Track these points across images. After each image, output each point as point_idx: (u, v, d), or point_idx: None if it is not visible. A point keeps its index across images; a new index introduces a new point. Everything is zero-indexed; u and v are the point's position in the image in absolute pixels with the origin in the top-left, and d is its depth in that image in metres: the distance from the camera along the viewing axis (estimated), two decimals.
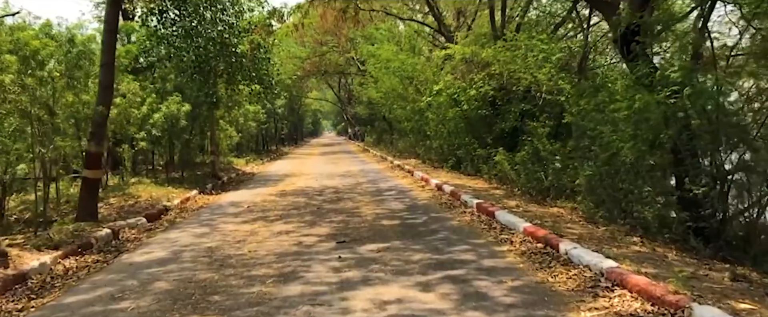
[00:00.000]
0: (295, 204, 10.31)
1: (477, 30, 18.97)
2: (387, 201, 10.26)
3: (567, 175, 8.87)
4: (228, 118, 21.51)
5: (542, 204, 8.73)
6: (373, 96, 27.43)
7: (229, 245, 6.82)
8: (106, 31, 8.18)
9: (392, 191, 11.95)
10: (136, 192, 11.56)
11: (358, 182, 14.10)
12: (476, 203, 8.63)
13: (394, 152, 25.08)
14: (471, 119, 15.14)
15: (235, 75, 15.96)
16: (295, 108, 48.47)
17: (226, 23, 14.57)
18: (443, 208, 9.13)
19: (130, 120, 12.44)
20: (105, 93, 8.24)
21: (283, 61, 27.99)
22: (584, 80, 12.43)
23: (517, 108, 13.38)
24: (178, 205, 10.75)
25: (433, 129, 17.96)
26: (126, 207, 10.11)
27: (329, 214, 8.95)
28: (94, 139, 8.16)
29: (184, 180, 14.27)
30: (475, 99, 14.25)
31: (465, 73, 14.62)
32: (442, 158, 16.94)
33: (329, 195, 11.47)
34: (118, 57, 12.11)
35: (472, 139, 14.59)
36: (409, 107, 22.63)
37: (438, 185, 11.68)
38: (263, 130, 32.83)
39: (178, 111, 12.88)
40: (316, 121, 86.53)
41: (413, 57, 21.87)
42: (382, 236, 7.01)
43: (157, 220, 9.23)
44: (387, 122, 31.19)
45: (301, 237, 7.12)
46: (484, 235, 6.78)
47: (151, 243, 7.25)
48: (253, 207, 10.26)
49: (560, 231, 6.26)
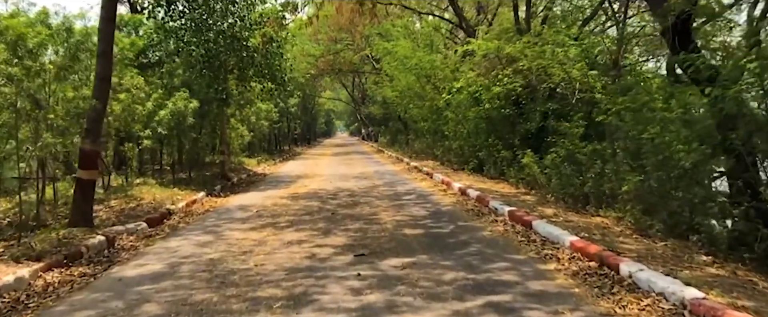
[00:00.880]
0: (307, 209, 9.53)
1: (498, 25, 18.11)
2: (407, 207, 9.43)
3: (609, 181, 7.97)
4: (239, 116, 20.84)
5: (582, 213, 7.85)
6: (389, 95, 26.63)
7: (233, 257, 6.04)
8: (103, 19, 7.44)
9: (411, 195, 11.13)
10: (139, 193, 10.85)
11: (374, 184, 13.29)
12: (508, 211, 7.78)
13: (410, 153, 24.23)
14: (493, 119, 14.27)
15: (246, 70, 15.22)
16: (309, 107, 47.84)
17: (237, 15, 13.83)
18: (471, 216, 8.28)
19: (135, 117, 11.76)
20: (101, 85, 7.52)
21: (296, 58, 27.29)
22: (618, 77, 11.59)
23: (542, 107, 12.50)
24: (182, 209, 10.02)
25: (452, 129, 17.11)
26: (127, 211, 9.39)
27: (345, 221, 8.14)
28: (89, 136, 7.43)
29: (191, 181, 13.56)
30: (498, 97, 13.40)
31: (489, 70, 13.74)
32: (463, 160, 16.08)
33: (344, 199, 10.67)
34: (122, 49, 11.45)
35: (495, 140, 13.72)
36: (426, 106, 21.79)
37: (461, 189, 10.83)
38: (276, 129, 32.16)
39: (186, 108, 12.15)
40: (329, 121, 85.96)
41: (431, 54, 21.02)
42: (406, 248, 6.19)
43: (158, 225, 8.50)
44: (402, 122, 30.36)
45: (314, 249, 6.32)
46: (523, 250, 5.92)
47: (147, 254, 6.49)
48: (263, 211, 9.49)
49: (615, 247, 5.40)
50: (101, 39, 7.54)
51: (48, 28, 8.11)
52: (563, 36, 11.84)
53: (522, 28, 14.25)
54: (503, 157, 12.98)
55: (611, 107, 9.16)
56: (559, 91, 12.72)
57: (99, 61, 7.52)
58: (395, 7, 25.20)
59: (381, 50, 23.63)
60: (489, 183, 12.16)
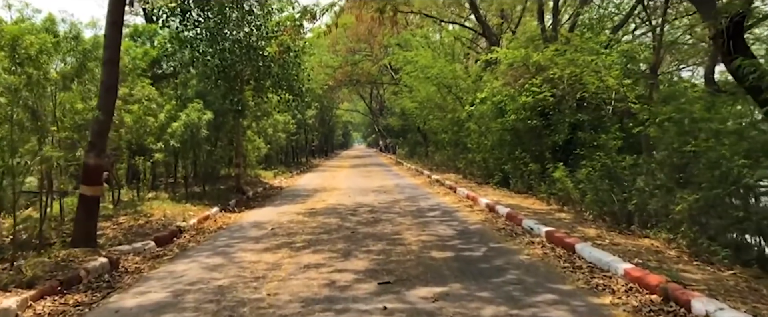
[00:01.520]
0: (325, 227, 8.93)
1: (522, 34, 17.48)
2: (432, 225, 8.78)
3: (658, 198, 7.24)
4: (256, 128, 20.45)
5: (626, 234, 7.12)
6: (408, 106, 26.09)
7: (244, 284, 5.45)
8: (110, 24, 7.00)
9: (436, 211, 10.47)
10: (149, 209, 10.37)
11: (395, 199, 12.66)
12: (545, 231, 7.09)
13: (431, 165, 23.58)
14: (519, 130, 13.59)
15: (263, 81, 14.76)
16: (326, 119, 47.48)
17: (254, 24, 13.40)
18: (503, 236, 7.60)
19: (147, 129, 11.34)
20: (107, 95, 7.04)
21: (314, 69, 26.91)
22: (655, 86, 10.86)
23: (571, 118, 11.79)
24: (194, 225, 9.51)
25: (475, 141, 16.45)
26: (135, 228, 8.90)
27: (366, 241, 7.52)
28: (93, 149, 6.95)
29: (205, 195, 13.07)
30: (523, 107, 12.73)
31: (515, 79, 13.09)
32: (487, 173, 15.39)
33: (364, 216, 10.06)
34: (134, 59, 11.05)
35: (522, 153, 13.04)
36: (447, 117, 21.18)
37: (489, 205, 10.16)
38: (293, 141, 31.75)
39: (200, 119, 11.69)
40: (346, 132, 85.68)
41: (452, 63, 20.44)
42: (436, 274, 5.55)
43: (167, 244, 7.98)
44: (421, 134, 29.76)
45: (334, 274, 5.71)
46: (569, 278, 5.24)
47: (151, 278, 5.94)
48: (278, 229, 8.92)
49: (678, 277, 4.69)
50: (107, 46, 7.09)
51: (54, 35, 7.68)
52: (592, 43, 11.20)
53: (549, 35, 13.60)
54: (531, 170, 12.28)
55: (650, 117, 8.49)
56: (591, 101, 12.01)
57: (104, 70, 7.06)
58: (415, 17, 24.78)
59: (400, 60, 23.15)
60: (517, 198, 11.46)
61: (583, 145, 11.55)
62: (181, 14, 12.84)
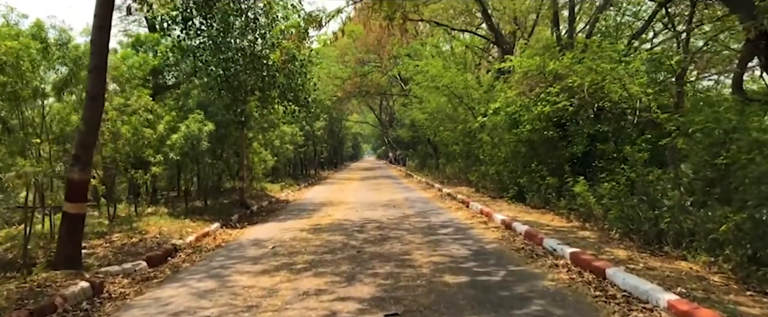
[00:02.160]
0: (330, 245, 8.33)
1: (535, 43, 16.89)
2: (445, 244, 8.15)
3: (693, 216, 6.58)
4: (262, 140, 19.95)
5: (660, 256, 6.45)
6: (418, 117, 25.54)
7: (234, 314, 4.86)
8: (96, 28, 6.50)
9: (448, 228, 9.84)
10: (146, 226, 9.85)
11: (404, 214, 12.04)
12: (570, 253, 6.44)
13: (441, 178, 22.94)
14: (533, 142, 12.96)
15: (268, 92, 14.25)
16: (335, 131, 47.07)
17: (258, 33, 12.92)
18: (523, 258, 6.95)
19: (145, 141, 10.85)
20: (92, 105, 6.52)
21: (321, 79, 26.48)
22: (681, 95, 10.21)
23: (590, 128, 11.14)
24: (191, 243, 8.95)
25: (488, 153, 15.82)
26: (127, 247, 8.35)
27: (372, 262, 6.91)
28: (78, 163, 6.42)
29: (206, 210, 12.54)
30: (539, 118, 12.12)
31: (531, 88, 12.47)
32: (501, 187, 14.72)
33: (372, 233, 9.45)
34: (130, 68, 10.60)
35: (539, 165, 12.40)
36: (458, 128, 20.58)
37: (505, 222, 9.51)
38: (301, 153, 31.26)
39: (200, 131, 11.18)
40: (356, 144, 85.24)
41: (464, 73, 19.85)
42: (450, 304, 4.92)
43: (160, 265, 7.42)
44: (432, 145, 29.17)
45: (335, 303, 5.10)
46: (603, 311, 4.58)
47: (133, 307, 5.36)
48: (280, 247, 8.33)
49: (735, 312, 4.03)
50: (94, 52, 6.59)
51: (41, 42, 7.21)
52: (611, 51, 10.60)
53: (565, 43, 12.98)
54: (549, 184, 11.63)
55: (678, 128, 7.86)
56: (612, 111, 11.36)
57: (90, 78, 6.55)
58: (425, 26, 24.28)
59: (410, 69, 22.63)
60: (534, 214, 10.80)
61: (602, 157, 10.94)
62: (182, 22, 12.39)
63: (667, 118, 8.61)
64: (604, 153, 10.74)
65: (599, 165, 10.80)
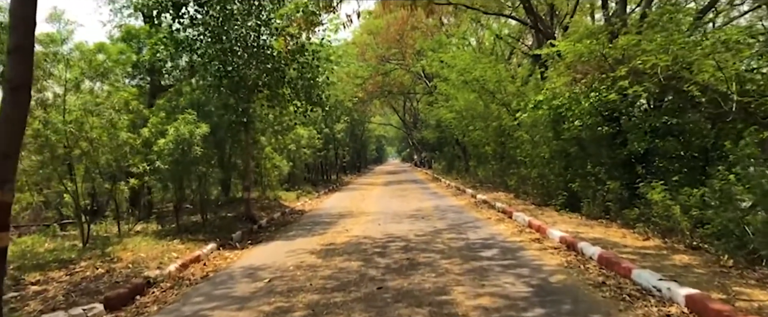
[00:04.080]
0: (342, 277, 6.44)
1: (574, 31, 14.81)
2: (492, 274, 6.17)
3: None
4: (275, 144, 18.25)
5: None
6: (445, 116, 23.55)
7: None
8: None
9: (492, 248, 7.84)
10: (122, 250, 8.13)
11: (435, 228, 10.09)
12: (686, 295, 4.42)
13: (473, 182, 20.92)
14: (582, 140, 10.94)
15: (278, 89, 12.44)
16: (357, 133, 45.33)
17: (260, 18, 11.14)
18: (609, 300, 4.92)
19: (128, 148, 9.19)
20: (14, 98, 4.77)
21: (341, 80, 24.72)
22: None
23: (656, 121, 9.05)
24: (171, 274, 7.18)
25: (527, 153, 13.78)
26: (88, 281, 6.62)
27: (397, 307, 4.99)
28: None
29: (204, 227, 10.80)
30: (590, 112, 10.11)
31: (583, 75, 10.41)
32: (546, 192, 12.66)
33: (396, 256, 7.53)
34: (108, 56, 8.93)
35: (595, 167, 10.36)
36: (491, 127, 18.54)
37: (566, 240, 7.51)
38: (321, 157, 29.51)
39: (191, 134, 9.44)
40: (380, 147, 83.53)
41: (496, 64, 17.79)
42: None
43: (121, 309, 5.67)
44: (460, 146, 27.13)
45: None
46: None
47: None
48: (278, 280, 6.49)
49: None
50: (15, 26, 4.87)
51: None
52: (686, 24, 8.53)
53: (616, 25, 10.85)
54: (610, 189, 9.58)
55: None
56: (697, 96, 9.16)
57: (10, 61, 4.81)
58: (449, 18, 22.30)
59: (436, 64, 20.69)
60: (597, 227, 8.75)
61: (664, 156, 8.96)
62: (174, 9, 10.68)
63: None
64: (668, 150, 8.79)
65: (661, 166, 8.86)
